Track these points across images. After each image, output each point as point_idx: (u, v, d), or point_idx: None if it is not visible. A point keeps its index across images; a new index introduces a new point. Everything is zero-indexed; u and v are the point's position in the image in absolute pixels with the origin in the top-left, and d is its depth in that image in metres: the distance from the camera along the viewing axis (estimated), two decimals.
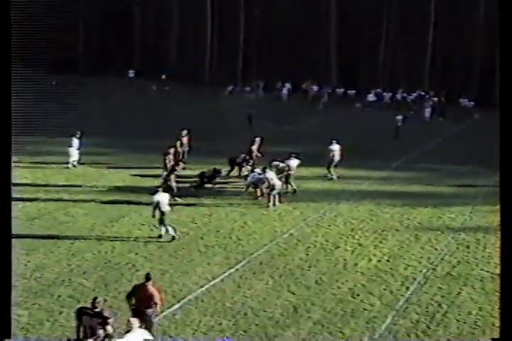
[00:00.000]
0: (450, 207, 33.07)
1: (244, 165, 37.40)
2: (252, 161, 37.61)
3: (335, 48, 77.96)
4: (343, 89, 74.16)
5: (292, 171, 34.84)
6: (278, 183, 32.73)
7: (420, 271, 24.79)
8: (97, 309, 17.09)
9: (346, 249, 26.99)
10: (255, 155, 38.44)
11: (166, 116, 56.52)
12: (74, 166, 38.96)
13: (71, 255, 25.52)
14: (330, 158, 37.94)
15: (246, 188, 34.16)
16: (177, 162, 35.02)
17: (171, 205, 28.32)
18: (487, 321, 20.83)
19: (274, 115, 58.66)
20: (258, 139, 39.58)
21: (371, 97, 70.93)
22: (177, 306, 21.35)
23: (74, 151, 39.06)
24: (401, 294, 22.75)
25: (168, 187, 31.74)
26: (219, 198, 33.70)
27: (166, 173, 33.45)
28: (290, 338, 19.59)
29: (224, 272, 24.21)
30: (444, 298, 22.51)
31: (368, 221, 30.84)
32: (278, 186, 32.65)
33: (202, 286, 22.88)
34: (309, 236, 28.53)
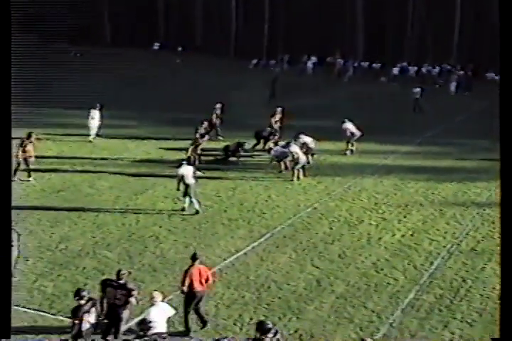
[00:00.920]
0: (475, 182, 32.95)
1: (270, 138, 37.32)
2: (278, 134, 37.49)
3: (361, 21, 77.47)
4: (368, 62, 73.82)
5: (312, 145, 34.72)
6: (302, 157, 32.66)
7: (444, 246, 24.76)
8: (122, 281, 17.19)
9: (370, 224, 26.98)
10: (277, 126, 38.35)
11: (191, 88, 56.42)
12: (95, 138, 38.92)
13: (95, 227, 25.67)
14: (347, 135, 37.72)
15: (270, 162, 34.14)
16: (203, 135, 34.82)
17: (196, 178, 28.38)
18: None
19: (299, 88, 58.49)
20: (279, 109, 39.50)
21: (396, 71, 70.56)
22: None
23: (94, 123, 38.93)
24: (425, 269, 22.75)
25: (190, 159, 31.74)
26: (243, 172, 33.69)
27: (190, 146, 33.32)
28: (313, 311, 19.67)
29: (247, 245, 24.28)
30: (468, 273, 22.49)
31: (393, 195, 30.79)
32: (302, 160, 32.59)
33: (225, 259, 22.97)
34: (333, 210, 28.54)
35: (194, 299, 18.08)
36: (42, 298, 18.57)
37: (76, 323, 16.52)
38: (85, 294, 16.80)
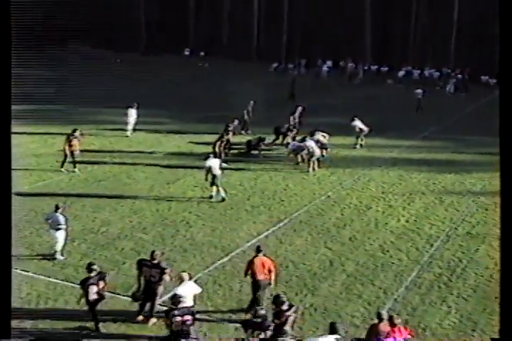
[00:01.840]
0: (471, 173, 32.93)
1: (288, 134, 37.31)
2: (295, 130, 37.48)
3: (370, 29, 77.20)
4: (377, 66, 73.83)
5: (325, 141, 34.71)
6: (317, 151, 32.69)
7: (443, 230, 24.77)
8: (155, 261, 17.29)
9: (377, 210, 26.99)
10: (296, 122, 38.33)
11: (218, 90, 56.40)
12: (131, 134, 39.07)
13: (132, 213, 25.78)
14: (357, 131, 37.72)
15: (287, 155, 34.15)
16: (228, 131, 34.67)
17: (222, 169, 28.46)
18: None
19: (314, 90, 58.41)
20: (300, 108, 39.50)
21: (401, 74, 70.58)
22: (226, 259, 21.54)
23: (131, 120, 39.07)
24: (426, 250, 22.77)
25: (216, 153, 31.80)
26: (264, 164, 33.72)
27: (217, 141, 33.22)
28: (326, 288, 19.74)
29: (268, 229, 24.34)
30: (464, 255, 22.50)
31: (398, 185, 30.78)
32: (317, 153, 32.62)
33: (248, 241, 23.02)
34: (344, 198, 28.55)
35: (259, 287, 17.79)
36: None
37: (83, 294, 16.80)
38: (95, 268, 17.01)
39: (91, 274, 16.89)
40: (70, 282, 19.10)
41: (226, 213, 26.06)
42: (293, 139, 35.83)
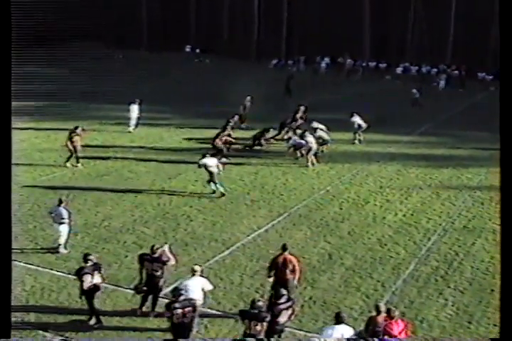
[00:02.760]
0: (467, 168, 32.90)
1: (288, 128, 37.24)
2: (296, 126, 37.39)
3: (368, 26, 77.07)
4: (375, 62, 73.74)
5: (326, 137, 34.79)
6: (315, 146, 32.74)
7: (440, 224, 24.78)
8: (156, 255, 17.29)
9: (375, 204, 27.01)
10: (300, 122, 38.35)
11: (219, 86, 56.37)
12: (134, 129, 39.14)
13: (134, 207, 25.82)
14: (355, 127, 37.74)
15: (288, 150, 34.16)
16: (225, 127, 34.67)
17: (222, 164, 28.49)
18: (497, 268, 20.81)
19: (313, 86, 58.39)
20: (302, 108, 39.49)
21: (400, 70, 70.52)
22: (226, 252, 21.57)
23: (134, 116, 39.09)
24: (423, 244, 22.79)
25: (216, 149, 31.81)
26: (264, 158, 33.71)
27: (216, 138, 33.10)
28: (325, 281, 19.79)
29: (268, 223, 24.37)
30: (461, 248, 22.52)
31: (395, 180, 30.79)
32: (314, 148, 32.68)
33: (248, 235, 23.07)
34: (343, 192, 28.58)
35: (280, 285, 17.25)
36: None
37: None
38: (91, 258, 17.03)
39: (86, 264, 16.90)
40: (74, 275, 19.13)
41: (226, 207, 26.09)
42: (294, 134, 35.80)
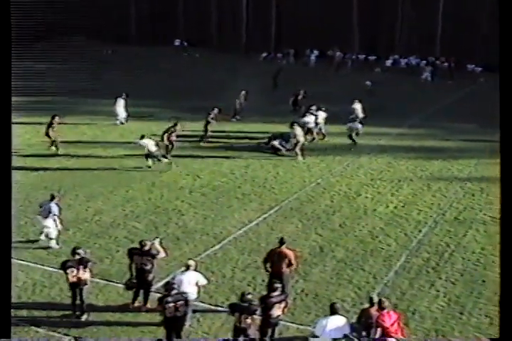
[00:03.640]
0: (458, 160, 32.96)
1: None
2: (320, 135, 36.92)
3: (357, 19, 76.98)
4: (365, 55, 73.68)
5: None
6: (302, 139, 32.75)
7: (431, 216, 24.86)
8: (145, 248, 17.23)
9: (366, 197, 27.05)
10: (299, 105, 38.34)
11: (207, 80, 56.25)
12: (122, 123, 39.18)
13: (125, 201, 25.80)
14: (354, 115, 37.71)
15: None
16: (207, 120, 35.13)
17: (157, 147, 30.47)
18: (488, 259, 20.92)
19: (303, 78, 58.28)
20: (302, 91, 39.47)
21: (389, 63, 70.62)
22: (218, 246, 21.59)
23: (120, 110, 39.19)
24: (414, 236, 22.86)
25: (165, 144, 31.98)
26: (255, 152, 33.68)
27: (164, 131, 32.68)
28: (317, 274, 19.80)
29: (259, 217, 24.39)
30: (452, 240, 22.60)
31: (386, 172, 30.84)
32: (301, 141, 32.71)
33: (240, 229, 23.08)
34: (334, 185, 28.60)
35: (276, 278, 17.27)
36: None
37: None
38: (79, 252, 16.92)
39: (73, 257, 16.83)
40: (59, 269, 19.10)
41: (217, 201, 26.08)
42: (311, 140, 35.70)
